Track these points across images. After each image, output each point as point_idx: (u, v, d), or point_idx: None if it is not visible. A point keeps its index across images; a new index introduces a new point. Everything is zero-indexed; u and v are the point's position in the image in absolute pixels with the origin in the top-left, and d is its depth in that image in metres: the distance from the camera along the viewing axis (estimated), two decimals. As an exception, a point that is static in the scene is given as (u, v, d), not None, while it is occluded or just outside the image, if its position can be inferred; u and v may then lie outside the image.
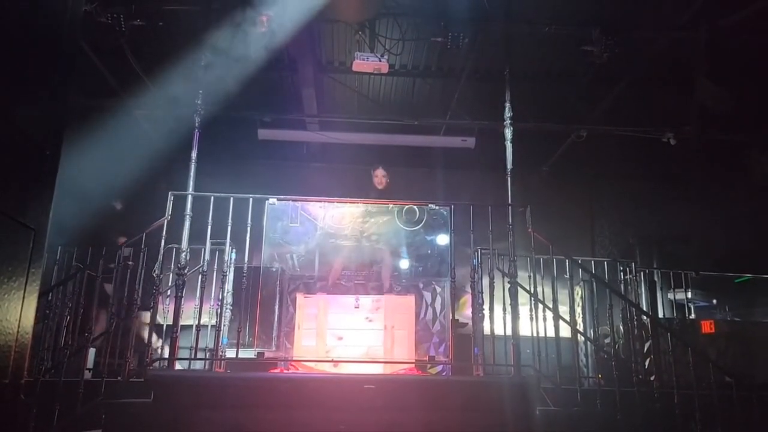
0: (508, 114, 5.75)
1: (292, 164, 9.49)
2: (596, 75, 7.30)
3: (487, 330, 5.27)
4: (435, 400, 4.49)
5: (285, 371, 5.42)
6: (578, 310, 7.22)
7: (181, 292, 5.01)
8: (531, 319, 5.13)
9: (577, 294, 7.31)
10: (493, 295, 5.16)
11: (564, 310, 5.41)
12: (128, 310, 5.13)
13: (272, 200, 6.43)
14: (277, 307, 6.57)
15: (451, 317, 6.11)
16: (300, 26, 6.05)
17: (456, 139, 9.02)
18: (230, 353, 5.72)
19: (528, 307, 5.19)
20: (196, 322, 5.07)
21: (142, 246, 5.07)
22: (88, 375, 5.15)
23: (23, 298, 1.48)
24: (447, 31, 6.20)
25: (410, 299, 6.22)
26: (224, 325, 5.73)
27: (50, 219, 1.60)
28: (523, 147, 5.86)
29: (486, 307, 5.17)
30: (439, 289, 6.83)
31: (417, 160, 9.47)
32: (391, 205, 6.73)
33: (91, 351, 5.66)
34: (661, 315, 7.55)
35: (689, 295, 7.67)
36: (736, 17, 6.03)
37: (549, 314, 5.17)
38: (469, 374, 5.52)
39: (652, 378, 5.73)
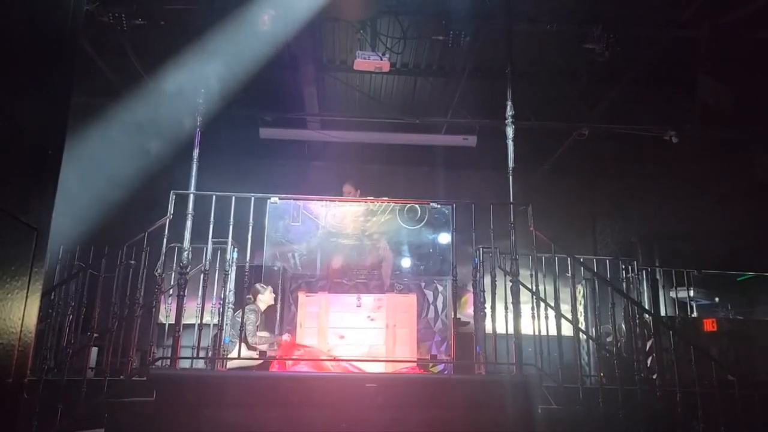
0: (509, 112, 5.74)
1: (294, 163, 9.51)
2: (598, 73, 7.30)
3: (488, 328, 5.27)
4: (437, 399, 4.49)
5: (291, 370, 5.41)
6: (580, 308, 7.22)
7: (183, 292, 5.02)
8: (533, 317, 5.13)
9: (579, 292, 7.31)
10: (494, 294, 5.16)
11: (566, 308, 5.40)
12: (130, 309, 5.13)
13: (274, 199, 6.43)
14: (279, 306, 6.59)
15: (452, 316, 6.11)
16: (301, 25, 6.05)
17: (457, 138, 9.02)
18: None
19: (530, 305, 5.18)
20: (198, 321, 5.08)
21: (144, 245, 5.08)
22: (90, 374, 5.16)
23: (26, 297, 1.48)
24: (448, 30, 6.20)
25: (412, 298, 6.22)
26: (226, 324, 5.73)
27: (53, 218, 1.60)
28: (524, 145, 5.85)
29: (488, 305, 5.17)
30: (440, 288, 6.83)
31: (418, 159, 9.48)
32: (392, 204, 6.73)
33: (94, 350, 5.67)
34: (663, 313, 7.55)
35: (691, 293, 7.67)
36: (737, 14, 6.02)
37: (551, 313, 5.17)
38: (471, 373, 5.53)
39: (654, 376, 5.73)
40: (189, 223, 5.28)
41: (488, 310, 5.15)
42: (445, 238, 6.86)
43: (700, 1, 5.98)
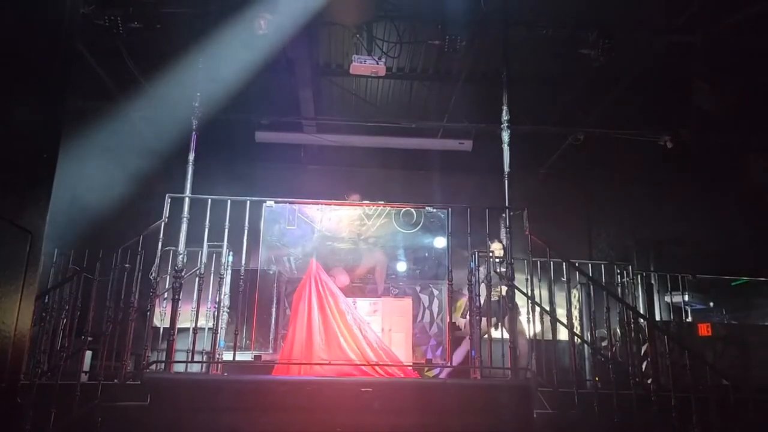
0: (505, 117, 5.76)
1: (290, 167, 9.49)
2: (593, 78, 7.31)
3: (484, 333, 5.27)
4: (432, 403, 4.48)
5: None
6: (575, 312, 7.23)
7: (178, 295, 5.00)
8: (528, 321, 5.14)
9: (575, 297, 7.32)
10: (490, 298, 5.16)
11: (561, 312, 5.41)
12: (125, 313, 5.12)
13: (270, 203, 6.42)
14: (274, 310, 6.57)
15: (448, 320, 6.11)
16: (297, 29, 6.05)
17: (453, 142, 9.03)
18: (227, 356, 5.71)
19: (525, 309, 5.19)
20: (193, 325, 5.06)
21: (139, 249, 5.06)
22: (84, 378, 5.14)
23: (20, 300, 1.47)
24: (444, 34, 6.21)
25: (407, 302, 6.22)
26: (221, 328, 5.72)
27: (47, 222, 1.59)
28: (520, 150, 5.86)
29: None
30: (436, 292, 6.83)
31: (414, 163, 9.48)
32: (388, 208, 6.73)
33: (88, 354, 5.65)
34: (658, 318, 7.56)
35: (686, 297, 7.69)
36: (732, 20, 6.05)
37: (546, 317, 5.17)
38: (467, 377, 5.52)
39: (649, 381, 5.74)
40: (184, 227, 5.27)
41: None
42: (440, 242, 6.86)
43: (694, 7, 6.01)
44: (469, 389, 4.73)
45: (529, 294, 5.21)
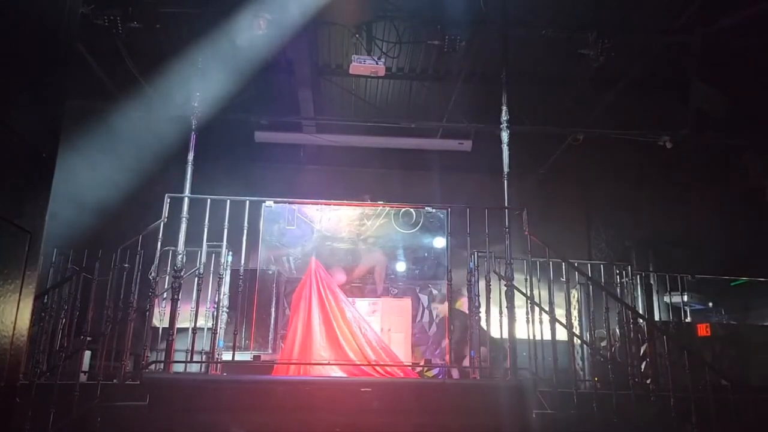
0: (504, 117, 5.76)
1: (289, 167, 9.50)
2: (592, 78, 7.32)
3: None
4: (431, 404, 4.48)
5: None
6: (574, 312, 7.23)
7: (177, 295, 5.00)
8: (527, 321, 5.14)
9: (574, 297, 7.32)
10: (489, 298, 5.16)
11: (560, 313, 5.40)
12: (124, 312, 5.11)
13: (269, 203, 6.42)
14: (273, 310, 6.57)
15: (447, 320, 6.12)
16: (297, 29, 6.06)
17: (453, 142, 9.03)
18: (226, 356, 5.71)
19: (524, 309, 5.19)
20: (192, 325, 5.06)
21: (139, 248, 5.06)
22: (83, 378, 5.13)
23: (19, 300, 1.47)
24: (444, 34, 6.21)
25: (407, 302, 6.22)
26: (220, 328, 5.71)
27: (46, 222, 1.59)
28: (519, 150, 5.86)
29: (482, 309, 5.17)
30: (435, 292, 6.83)
31: (414, 163, 9.48)
32: (387, 208, 6.73)
33: (87, 354, 5.65)
34: (657, 318, 7.57)
35: (685, 298, 7.69)
36: (730, 21, 6.06)
37: (545, 317, 5.17)
38: (466, 377, 5.52)
39: (648, 381, 5.74)
40: (183, 227, 5.27)
41: (483, 315, 5.15)
42: (440, 242, 6.87)
43: (693, 8, 6.01)
44: (467, 389, 4.73)
45: (529, 294, 5.22)
